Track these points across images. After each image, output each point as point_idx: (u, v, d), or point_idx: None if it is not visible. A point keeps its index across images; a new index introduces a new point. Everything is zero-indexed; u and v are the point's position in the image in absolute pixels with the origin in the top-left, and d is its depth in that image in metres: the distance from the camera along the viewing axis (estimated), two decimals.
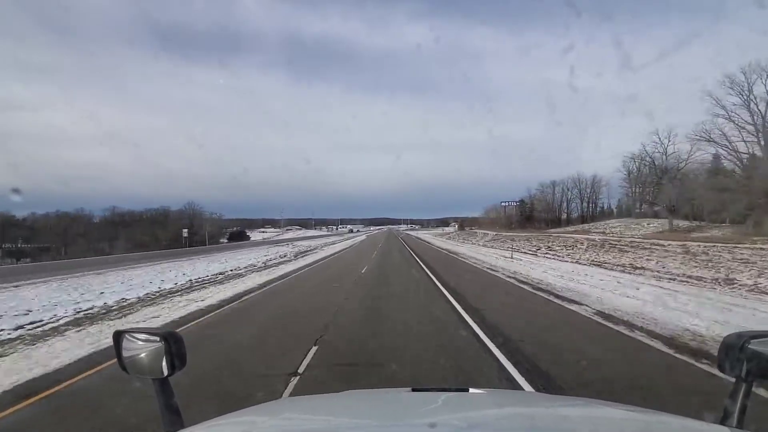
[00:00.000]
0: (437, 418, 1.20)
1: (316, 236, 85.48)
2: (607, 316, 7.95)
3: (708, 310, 7.88)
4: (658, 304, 8.70)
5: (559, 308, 9.09)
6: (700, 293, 10.22)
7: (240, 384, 4.76)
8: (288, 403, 2.06)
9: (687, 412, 1.24)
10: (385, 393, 1.95)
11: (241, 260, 25.43)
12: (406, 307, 9.47)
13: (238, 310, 9.70)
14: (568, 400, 2.03)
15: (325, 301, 10.38)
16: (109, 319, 8.82)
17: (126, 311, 9.85)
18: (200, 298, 11.35)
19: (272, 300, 11.32)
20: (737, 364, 1.11)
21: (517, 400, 1.83)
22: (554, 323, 7.77)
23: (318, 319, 8.07)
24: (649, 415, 1.28)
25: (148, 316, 9.22)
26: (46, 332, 7.68)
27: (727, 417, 1.12)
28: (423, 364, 5.36)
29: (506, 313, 8.72)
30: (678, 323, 7.02)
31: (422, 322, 7.81)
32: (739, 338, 1.13)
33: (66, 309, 9.82)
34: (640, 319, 7.46)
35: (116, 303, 10.87)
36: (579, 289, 11.31)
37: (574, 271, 16.02)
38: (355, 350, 6.13)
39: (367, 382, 4.72)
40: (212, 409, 2.66)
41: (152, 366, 1.27)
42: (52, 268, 21.18)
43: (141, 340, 1.31)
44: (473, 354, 5.73)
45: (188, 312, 9.44)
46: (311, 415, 1.43)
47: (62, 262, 27.38)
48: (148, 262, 25.66)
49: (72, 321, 8.68)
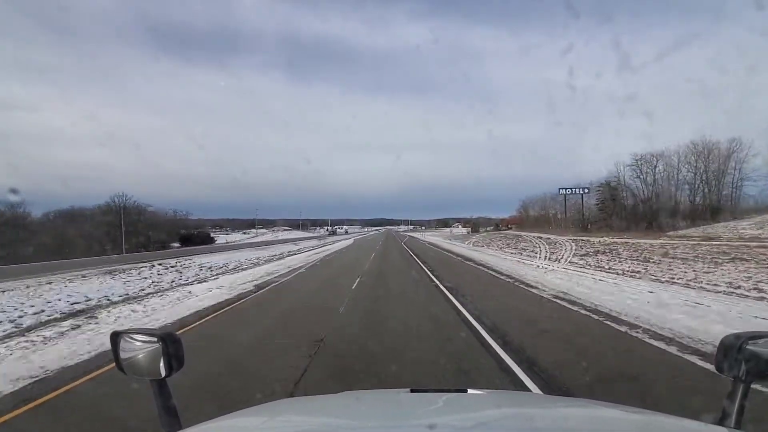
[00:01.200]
0: (436, 419, 1.20)
1: (290, 240, 68.96)
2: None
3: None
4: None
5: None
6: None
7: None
8: (286, 404, 2.05)
9: (687, 413, 1.21)
10: (384, 394, 1.95)
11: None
12: None
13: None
14: (567, 401, 2.03)
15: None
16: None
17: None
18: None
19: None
20: (735, 365, 1.11)
21: (516, 400, 1.83)
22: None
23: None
24: (647, 416, 1.28)
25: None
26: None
27: (725, 418, 1.12)
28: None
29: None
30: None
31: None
32: (737, 339, 1.13)
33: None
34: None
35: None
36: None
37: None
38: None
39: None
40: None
41: (150, 367, 1.27)
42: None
43: (139, 341, 1.31)
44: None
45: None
46: (309, 417, 1.43)
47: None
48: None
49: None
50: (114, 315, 9.91)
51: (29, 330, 8.39)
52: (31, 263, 25.12)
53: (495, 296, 11.49)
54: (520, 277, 15.24)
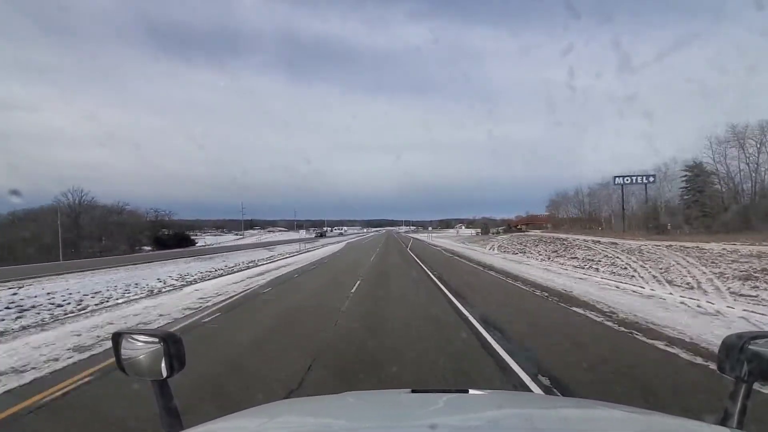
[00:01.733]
0: (437, 419, 1.19)
1: (270, 243, 59.10)
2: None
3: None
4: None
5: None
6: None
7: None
8: (286, 404, 2.05)
9: (688, 413, 1.15)
10: (385, 394, 1.94)
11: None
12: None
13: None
14: (567, 401, 2.04)
15: None
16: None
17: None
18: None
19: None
20: (737, 365, 1.12)
21: (516, 401, 1.82)
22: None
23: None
24: (649, 416, 1.29)
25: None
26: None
27: (727, 418, 1.12)
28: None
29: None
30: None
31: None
32: (739, 339, 1.13)
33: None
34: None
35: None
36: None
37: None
38: None
39: None
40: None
41: (151, 367, 1.26)
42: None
43: (140, 341, 1.31)
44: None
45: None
46: (310, 417, 1.42)
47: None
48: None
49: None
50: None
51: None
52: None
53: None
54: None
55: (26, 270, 22.72)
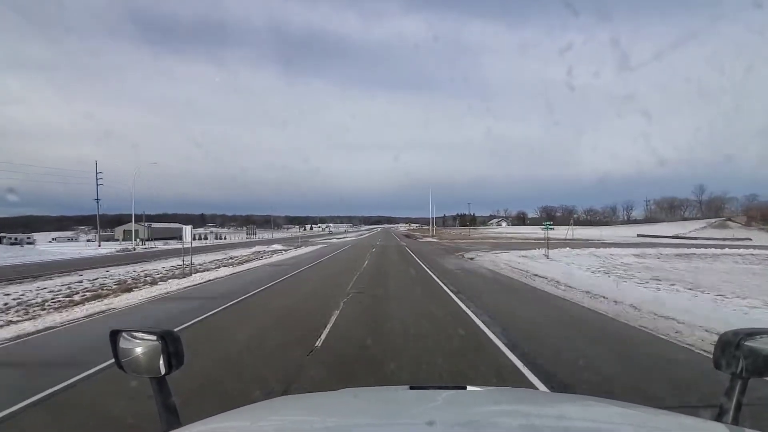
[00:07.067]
0: (435, 416, 1.18)
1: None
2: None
3: None
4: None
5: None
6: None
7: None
8: (285, 401, 2.04)
9: (685, 409, 1.17)
10: (383, 391, 1.92)
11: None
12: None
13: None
14: (565, 398, 2.04)
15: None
16: None
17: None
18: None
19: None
20: (733, 361, 1.13)
21: (514, 397, 1.82)
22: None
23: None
24: (646, 413, 1.29)
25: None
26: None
27: (723, 414, 1.13)
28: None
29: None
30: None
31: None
32: (735, 335, 1.15)
33: None
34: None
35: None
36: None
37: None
38: None
39: None
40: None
41: (149, 365, 1.27)
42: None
43: (138, 339, 1.31)
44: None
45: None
46: (308, 414, 1.41)
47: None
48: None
49: None
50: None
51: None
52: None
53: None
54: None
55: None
